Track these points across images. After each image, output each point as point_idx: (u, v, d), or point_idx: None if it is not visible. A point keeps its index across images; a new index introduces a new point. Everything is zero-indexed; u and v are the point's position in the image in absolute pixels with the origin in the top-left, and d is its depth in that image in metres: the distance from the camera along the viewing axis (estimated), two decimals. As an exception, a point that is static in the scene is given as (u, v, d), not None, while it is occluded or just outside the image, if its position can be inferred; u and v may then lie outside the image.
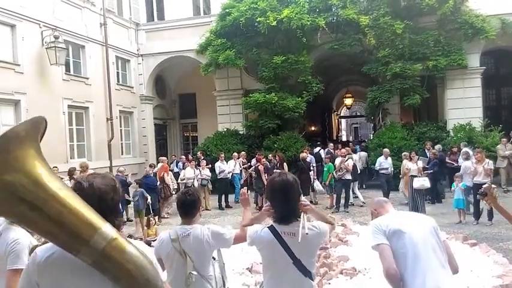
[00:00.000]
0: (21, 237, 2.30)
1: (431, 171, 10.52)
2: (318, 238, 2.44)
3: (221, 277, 3.05)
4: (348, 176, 10.76)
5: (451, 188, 9.11)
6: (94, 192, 1.48)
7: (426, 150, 12.18)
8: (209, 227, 2.85)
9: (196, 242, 2.76)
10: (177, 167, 13.52)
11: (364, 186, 14.12)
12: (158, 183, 10.61)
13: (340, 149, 12.54)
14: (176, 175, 12.32)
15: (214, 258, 2.92)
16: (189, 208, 2.87)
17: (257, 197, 11.15)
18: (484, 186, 2.92)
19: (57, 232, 1.32)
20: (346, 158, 10.81)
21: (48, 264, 1.44)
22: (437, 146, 12.29)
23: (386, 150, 11.60)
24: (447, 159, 12.11)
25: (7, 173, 1.25)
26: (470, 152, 11.09)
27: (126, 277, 1.34)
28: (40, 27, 12.05)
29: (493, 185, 2.93)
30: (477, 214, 8.49)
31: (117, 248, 1.33)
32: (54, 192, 1.31)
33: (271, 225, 2.43)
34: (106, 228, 1.34)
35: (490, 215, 8.36)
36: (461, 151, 11.84)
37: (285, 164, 11.39)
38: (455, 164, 11.80)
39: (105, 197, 1.50)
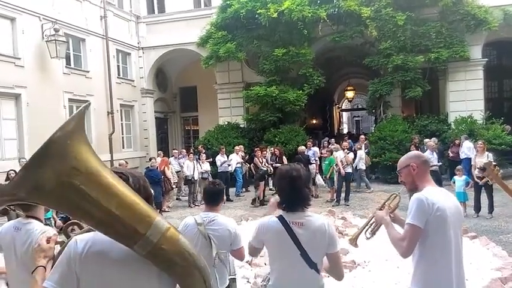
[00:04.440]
0: (48, 229, 2.31)
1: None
2: (324, 240, 2.36)
3: (233, 263, 3.38)
4: (349, 169, 10.79)
5: (451, 181, 9.08)
6: (138, 184, 1.53)
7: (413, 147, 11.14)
8: (236, 228, 3.12)
9: (221, 229, 3.05)
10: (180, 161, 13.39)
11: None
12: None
13: (342, 143, 12.53)
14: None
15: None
16: (216, 197, 3.22)
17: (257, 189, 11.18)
18: (484, 162, 2.91)
19: (114, 224, 1.33)
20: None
21: (89, 255, 1.42)
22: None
23: (431, 143, 10.64)
24: (449, 152, 12.07)
25: (67, 176, 1.25)
26: (472, 145, 11.04)
27: (182, 265, 1.38)
28: (40, 20, 12.00)
29: (493, 162, 2.93)
30: (477, 207, 8.50)
31: (172, 239, 1.37)
32: (109, 185, 1.33)
33: (280, 215, 2.43)
34: (159, 219, 1.37)
35: (491, 208, 8.37)
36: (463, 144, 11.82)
37: (284, 157, 11.39)
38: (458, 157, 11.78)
39: (146, 188, 1.55)
